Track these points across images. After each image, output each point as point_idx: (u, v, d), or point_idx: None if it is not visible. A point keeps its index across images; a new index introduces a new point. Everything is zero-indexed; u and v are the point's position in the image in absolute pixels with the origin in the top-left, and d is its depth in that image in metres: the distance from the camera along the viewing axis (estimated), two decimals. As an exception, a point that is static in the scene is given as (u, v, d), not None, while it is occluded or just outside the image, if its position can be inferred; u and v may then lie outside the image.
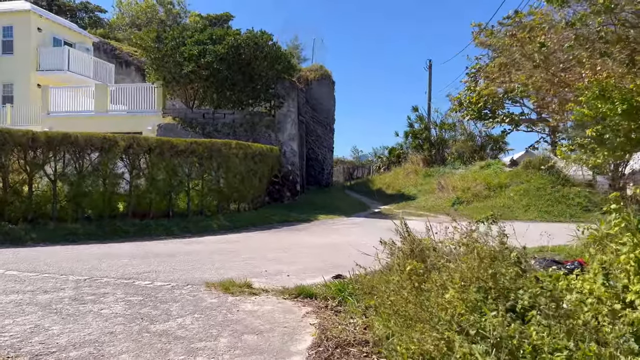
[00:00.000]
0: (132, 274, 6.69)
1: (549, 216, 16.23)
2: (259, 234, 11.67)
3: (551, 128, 26.09)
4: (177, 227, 11.91)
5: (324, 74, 26.39)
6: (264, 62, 18.75)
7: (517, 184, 18.95)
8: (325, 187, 25.97)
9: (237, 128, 18.63)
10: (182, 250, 8.88)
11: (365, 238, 10.95)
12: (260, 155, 15.52)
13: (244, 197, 14.97)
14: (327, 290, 5.64)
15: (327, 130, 26.54)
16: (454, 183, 21.68)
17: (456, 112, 29.26)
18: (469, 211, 17.72)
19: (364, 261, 8.30)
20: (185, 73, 17.92)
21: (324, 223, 14.53)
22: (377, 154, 45.61)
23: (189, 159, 13.08)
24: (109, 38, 37.68)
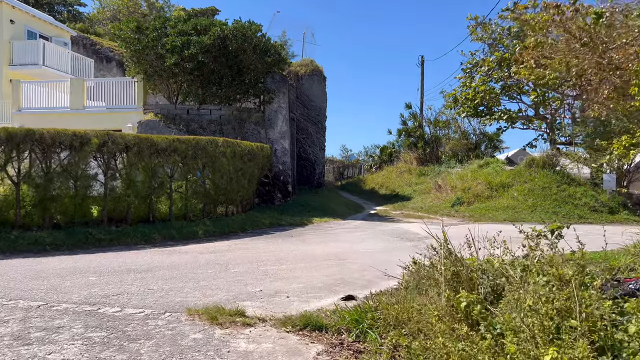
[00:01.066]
0: (99, 297, 5.50)
1: (556, 217, 15.27)
2: (249, 242, 10.50)
3: (549, 125, 25.29)
4: (158, 234, 10.69)
5: (315, 69, 25.24)
6: (253, 55, 17.54)
7: (520, 183, 18.01)
8: (317, 187, 24.84)
9: (224, 125, 17.41)
10: (163, 264, 7.68)
11: (368, 244, 9.86)
12: (250, 154, 14.33)
13: (232, 199, 13.77)
14: (340, 320, 4.50)
15: (319, 128, 25.40)
16: (452, 183, 20.71)
17: (451, 109, 28.31)
18: (471, 212, 16.77)
19: (374, 274, 7.22)
20: (168, 66, 16.64)
21: (319, 227, 13.40)
22: (368, 153, 44.59)
23: (171, 158, 11.86)
24: (88, 33, 36.11)
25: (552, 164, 18.34)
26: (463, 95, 25.81)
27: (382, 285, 6.26)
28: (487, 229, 12.64)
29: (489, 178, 18.91)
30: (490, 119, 24.68)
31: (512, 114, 24.71)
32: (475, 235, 11.37)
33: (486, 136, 31.73)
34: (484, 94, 24.59)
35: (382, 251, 9.03)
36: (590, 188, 17.47)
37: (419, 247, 9.56)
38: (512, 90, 24.52)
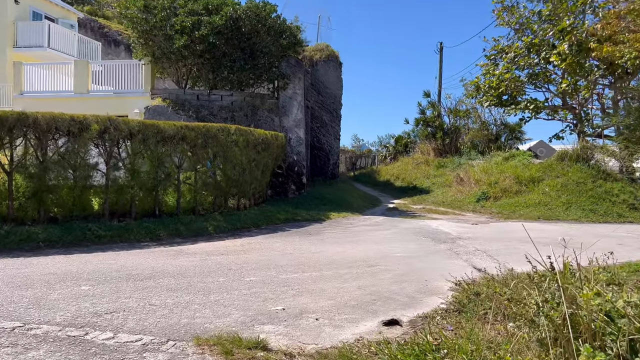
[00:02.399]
0: (89, 316, 4.53)
1: (594, 216, 14.14)
2: (264, 240, 9.50)
3: (577, 116, 23.96)
4: (165, 230, 9.74)
5: (330, 55, 24.06)
6: (267, 37, 16.46)
7: (552, 177, 16.82)
8: (331, 178, 23.78)
9: (235, 112, 16.37)
10: (168, 268, 6.70)
11: (397, 247, 8.83)
12: (264, 143, 13.30)
13: (245, 192, 12.78)
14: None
15: (334, 117, 24.28)
16: (475, 176, 19.57)
17: (472, 98, 27.00)
18: (498, 208, 15.68)
19: (415, 287, 6.19)
20: (177, 48, 15.60)
21: (338, 223, 12.38)
22: (382, 143, 43.34)
23: (179, 147, 10.88)
24: (97, 15, 35.09)
25: (587, 157, 17.12)
26: (487, 84, 24.49)
27: (427, 303, 5.23)
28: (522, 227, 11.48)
29: (517, 171, 17.73)
30: (516, 109, 23.36)
31: (539, 103, 23.39)
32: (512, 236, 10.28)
33: (507, 127, 30.49)
34: (509, 82, 23.29)
35: (416, 256, 7.99)
36: (628, 184, 16.25)
37: (456, 251, 8.52)
38: (539, 78, 23.17)
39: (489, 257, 7.96)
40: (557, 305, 2.66)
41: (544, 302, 2.70)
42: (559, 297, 2.66)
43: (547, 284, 2.90)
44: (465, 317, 4.56)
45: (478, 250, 8.62)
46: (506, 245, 9.16)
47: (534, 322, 2.82)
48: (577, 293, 2.64)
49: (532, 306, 2.77)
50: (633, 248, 9.09)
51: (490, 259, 7.78)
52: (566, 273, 2.85)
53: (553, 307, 2.67)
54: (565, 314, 2.52)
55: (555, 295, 2.71)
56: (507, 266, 7.19)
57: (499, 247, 8.97)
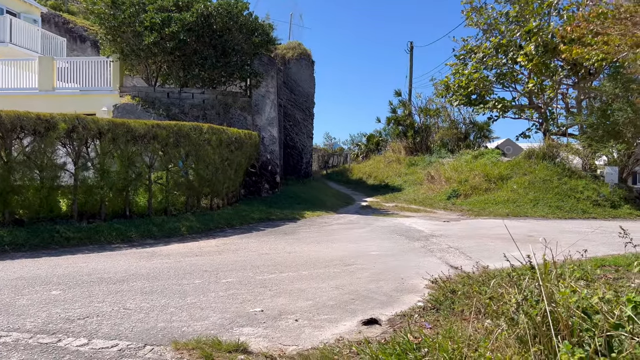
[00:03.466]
0: (61, 322, 4.39)
1: (560, 212, 14.56)
2: (239, 240, 9.42)
3: (542, 115, 24.61)
4: (136, 231, 9.53)
5: (302, 53, 24.02)
6: (239, 34, 16.30)
7: (520, 175, 17.24)
8: (305, 177, 23.76)
9: (207, 110, 16.17)
10: (141, 271, 6.57)
11: (373, 245, 8.88)
12: (237, 142, 13.18)
13: (218, 191, 12.64)
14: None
15: (306, 115, 24.26)
16: (446, 174, 19.88)
17: (442, 97, 27.42)
18: (469, 205, 15.96)
19: (391, 286, 6.22)
20: (146, 45, 15.29)
21: (313, 222, 12.37)
22: (354, 141, 43.54)
23: (150, 146, 10.66)
24: (61, 10, 34.04)
25: (553, 155, 17.61)
26: (456, 83, 24.91)
27: (404, 301, 5.28)
28: (493, 224, 11.75)
29: (486, 169, 18.10)
30: (484, 108, 23.84)
31: (507, 102, 23.92)
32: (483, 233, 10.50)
33: (476, 126, 31.09)
34: (478, 82, 23.74)
35: (391, 254, 8.05)
36: (591, 181, 16.80)
37: (430, 249, 8.63)
38: (506, 78, 23.69)
39: (462, 254, 8.09)
40: (536, 303, 2.72)
41: (523, 300, 2.76)
42: (538, 295, 2.72)
43: (527, 282, 2.95)
44: (443, 315, 4.62)
45: (451, 247, 8.75)
46: (478, 243, 9.33)
47: (513, 320, 2.87)
48: (555, 290, 2.70)
49: (512, 304, 2.82)
50: (597, 243, 9.39)
51: (463, 256, 7.91)
52: (545, 271, 2.91)
53: (532, 305, 2.73)
54: (544, 311, 2.58)
55: (534, 293, 2.77)
56: (481, 263, 7.33)
57: (471, 244, 9.13)
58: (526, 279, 3.08)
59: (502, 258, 7.80)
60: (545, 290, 2.51)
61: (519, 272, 3.95)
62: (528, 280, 2.97)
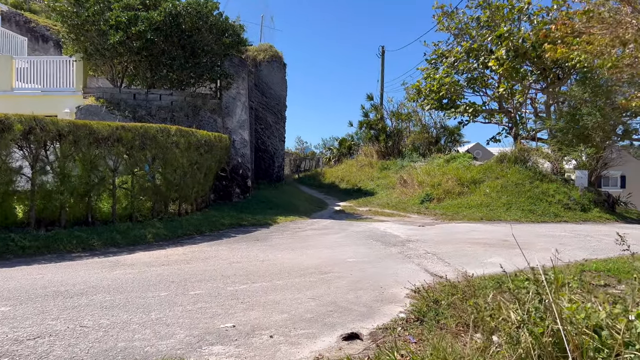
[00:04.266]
0: (7, 344, 3.93)
1: (533, 216, 14.62)
2: (209, 248, 8.98)
3: (512, 119, 24.92)
4: (99, 239, 8.99)
5: (274, 55, 23.67)
6: (209, 35, 15.84)
7: (492, 179, 17.30)
8: (277, 181, 23.36)
9: (175, 112, 15.63)
10: (102, 283, 6.09)
11: (349, 251, 8.59)
12: (207, 145, 12.72)
13: (186, 196, 12.15)
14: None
15: (278, 118, 23.89)
16: (419, 178, 19.82)
17: (414, 102, 27.49)
18: (442, 209, 15.88)
19: (371, 295, 5.92)
20: (112, 44, 14.67)
21: (286, 228, 12.01)
22: (326, 145, 43.34)
23: (114, 149, 10.13)
24: (22, 9, 32.76)
25: (524, 159, 17.75)
26: (427, 87, 25.01)
27: (385, 312, 5.00)
28: (468, 229, 11.64)
29: (459, 173, 18.11)
30: (455, 112, 23.98)
31: (478, 107, 24.12)
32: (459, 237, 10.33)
33: (447, 130, 31.28)
34: (449, 86, 23.88)
35: (368, 261, 7.78)
36: (562, 185, 16.98)
37: (407, 255, 8.39)
38: (477, 82, 23.90)
39: (441, 260, 7.89)
40: (540, 319, 2.46)
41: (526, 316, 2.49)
42: (542, 311, 2.46)
43: (531, 296, 2.69)
44: (428, 327, 4.36)
45: (429, 253, 8.54)
46: (455, 248, 9.16)
47: (513, 338, 2.61)
48: (561, 306, 2.44)
49: (514, 321, 2.56)
50: (573, 247, 9.36)
51: (442, 262, 7.71)
52: (557, 285, 2.65)
53: (536, 322, 2.47)
54: (551, 330, 2.32)
55: (539, 309, 2.51)
56: (460, 269, 7.13)
57: (448, 249, 8.94)
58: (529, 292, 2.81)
59: (481, 264, 7.65)
60: (557, 308, 2.25)
61: (517, 283, 3.70)
62: (532, 294, 2.70)
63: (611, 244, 9.89)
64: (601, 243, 10.00)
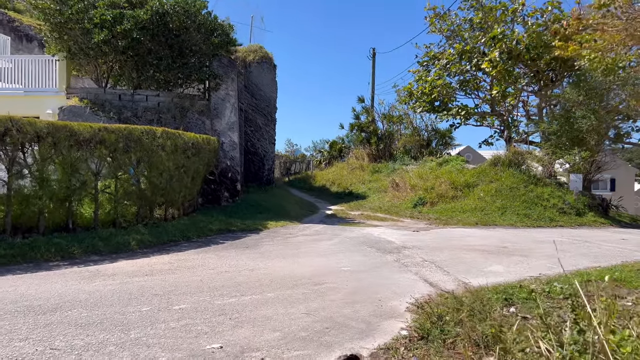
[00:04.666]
0: (-35, 371, 3.50)
1: (528, 220, 14.35)
2: (196, 256, 8.55)
3: (505, 122, 24.75)
4: (79, 247, 8.52)
5: (264, 56, 23.25)
6: (197, 34, 15.41)
7: (486, 182, 17.03)
8: (267, 184, 22.92)
9: (162, 113, 15.17)
10: (79, 296, 5.65)
11: (343, 259, 8.21)
12: (195, 147, 12.29)
13: (173, 200, 11.70)
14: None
15: (268, 120, 23.46)
16: (411, 181, 19.51)
17: (405, 104, 27.24)
18: (436, 214, 15.57)
19: (369, 309, 5.53)
20: (96, 43, 14.19)
21: (277, 233, 11.60)
22: (316, 148, 42.95)
23: (96, 152, 9.66)
24: (6, 8, 32.01)
25: (518, 162, 17.51)
26: (419, 90, 24.77)
27: (386, 329, 4.62)
28: (463, 234, 11.29)
29: (452, 177, 17.82)
30: (447, 115, 23.74)
31: (470, 109, 23.91)
32: (455, 244, 9.98)
33: (438, 133, 31.11)
34: (441, 89, 23.65)
35: (364, 269, 7.40)
36: (556, 188, 16.77)
37: (404, 263, 8.04)
38: (469, 85, 23.70)
39: (439, 268, 7.55)
40: (579, 354, 2.09)
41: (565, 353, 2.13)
42: (582, 344, 2.10)
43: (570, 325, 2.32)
44: (434, 348, 3.99)
45: (426, 261, 8.20)
46: (453, 255, 8.82)
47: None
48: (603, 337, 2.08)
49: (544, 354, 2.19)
50: (574, 254, 9.07)
51: (440, 271, 7.36)
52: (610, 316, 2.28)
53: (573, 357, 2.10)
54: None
55: (577, 341, 2.14)
56: (461, 279, 6.79)
57: (446, 257, 8.61)
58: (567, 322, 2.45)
59: (481, 272, 7.31)
60: (609, 347, 1.88)
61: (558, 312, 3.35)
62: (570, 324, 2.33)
63: (612, 250, 9.64)
64: (601, 249, 9.73)
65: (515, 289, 5.83)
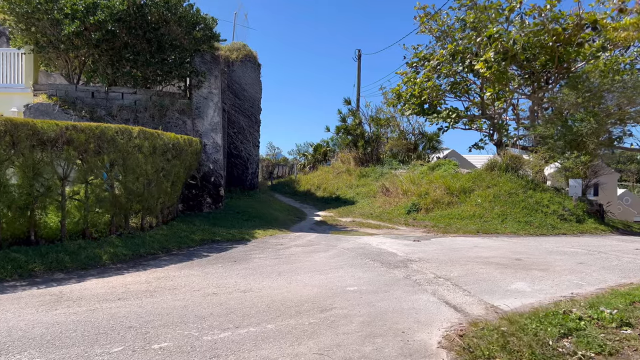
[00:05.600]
0: None
1: (530, 228, 13.62)
2: (177, 272, 7.49)
3: (495, 126, 24.16)
4: (42, 262, 7.39)
5: (248, 55, 22.22)
6: (178, 28, 14.32)
7: (483, 188, 16.28)
8: (250, 189, 21.86)
9: (140, 113, 14.01)
10: (34, 331, 4.57)
11: (345, 276, 7.25)
12: (175, 149, 11.20)
13: (151, 208, 10.59)
14: None
15: (252, 122, 22.40)
16: (403, 186, 18.67)
17: (394, 106, 26.47)
18: (433, 221, 14.74)
19: (394, 347, 4.51)
20: (67, 35, 13.00)
21: (267, 244, 10.57)
22: (300, 151, 41.91)
23: (63, 154, 8.51)
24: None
25: (515, 167, 16.80)
26: (408, 92, 24.02)
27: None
28: (469, 244, 10.33)
29: (447, 182, 17.01)
30: (438, 117, 23.02)
31: (461, 112, 23.25)
32: (464, 255, 9.06)
33: (425, 136, 30.45)
34: (431, 91, 22.94)
35: (373, 290, 6.44)
36: (555, 194, 16.11)
37: (416, 280, 7.09)
38: (459, 87, 23.03)
39: (457, 287, 6.64)
40: None
41: None
42: None
43: None
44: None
45: (439, 277, 7.29)
46: (466, 269, 7.94)
47: None
48: None
49: None
50: (596, 268, 8.28)
51: (460, 290, 6.46)
52: None
53: None
54: None
55: None
56: (485, 300, 5.91)
57: (459, 272, 7.71)
58: None
59: (506, 292, 6.42)
60: None
61: None
62: None
63: (634, 262, 8.89)
64: (621, 261, 8.97)
65: (558, 316, 4.96)
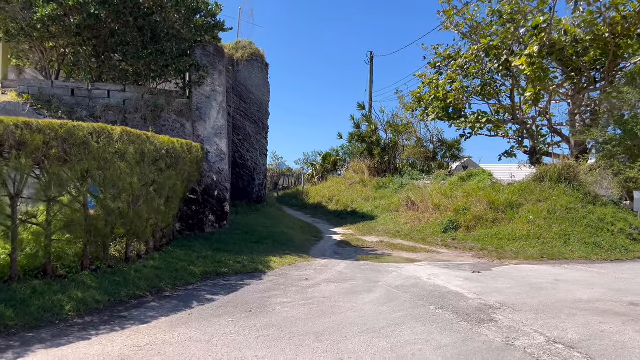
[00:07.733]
0: None
1: (601, 251, 11.25)
2: (169, 334, 5.10)
3: (527, 130, 21.80)
4: (-30, 320, 5.02)
5: (254, 54, 19.98)
6: (176, 14, 12.09)
7: (533, 202, 13.88)
8: (257, 202, 19.50)
9: (129, 113, 11.70)
10: None
11: (412, 339, 4.82)
12: (171, 156, 8.87)
13: (139, 232, 8.22)
14: None
15: (259, 128, 20.08)
16: (434, 200, 16.29)
17: (414, 111, 24.15)
18: (479, 242, 12.35)
19: None
20: (40, 19, 10.74)
21: (287, 278, 8.16)
22: (308, 161, 39.57)
23: (16, 162, 6.17)
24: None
25: (570, 177, 14.41)
26: (431, 94, 21.72)
27: None
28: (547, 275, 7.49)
29: (489, 195, 14.60)
30: (466, 122, 20.69)
31: (491, 116, 20.91)
32: (555, 296, 6.66)
33: (445, 143, 28.17)
34: (457, 92, 20.63)
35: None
36: (616, 209, 13.73)
37: (521, 349, 4.64)
38: (489, 88, 20.70)
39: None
40: None
41: None
42: None
43: None
44: None
45: (555, 343, 4.92)
46: (581, 324, 5.56)
47: None
48: None
49: None
50: None
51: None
52: None
53: None
54: None
55: None
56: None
57: (578, 332, 5.32)
58: None
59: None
60: None
61: None
62: None
63: None
64: None
65: None
